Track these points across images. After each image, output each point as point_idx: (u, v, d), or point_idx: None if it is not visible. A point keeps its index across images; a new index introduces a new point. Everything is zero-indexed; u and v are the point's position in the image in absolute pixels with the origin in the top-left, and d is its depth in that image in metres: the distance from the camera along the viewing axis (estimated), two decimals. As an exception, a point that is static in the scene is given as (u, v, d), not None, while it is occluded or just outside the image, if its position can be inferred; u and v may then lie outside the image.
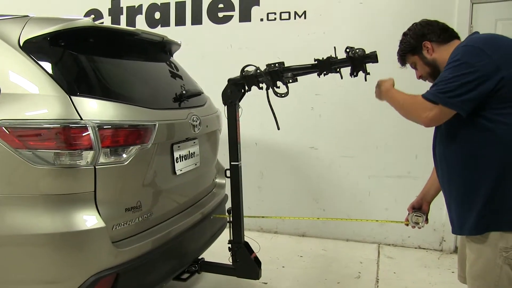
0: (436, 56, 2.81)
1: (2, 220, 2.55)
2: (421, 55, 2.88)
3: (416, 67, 2.98)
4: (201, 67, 5.80)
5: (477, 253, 2.60)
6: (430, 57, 2.83)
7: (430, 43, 2.83)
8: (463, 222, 2.63)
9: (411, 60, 2.97)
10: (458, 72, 2.44)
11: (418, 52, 2.89)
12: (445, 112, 2.51)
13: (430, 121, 2.57)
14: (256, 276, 3.77)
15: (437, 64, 2.80)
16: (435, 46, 2.82)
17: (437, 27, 2.89)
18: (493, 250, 2.51)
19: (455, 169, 2.66)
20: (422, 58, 2.88)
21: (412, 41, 2.90)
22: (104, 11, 6.64)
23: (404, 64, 3.07)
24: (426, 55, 2.85)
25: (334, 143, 5.80)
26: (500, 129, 2.43)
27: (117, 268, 2.73)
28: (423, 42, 2.85)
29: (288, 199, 6.07)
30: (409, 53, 2.94)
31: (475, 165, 2.54)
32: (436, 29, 2.87)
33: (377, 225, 5.68)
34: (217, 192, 4.23)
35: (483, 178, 2.50)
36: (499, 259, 2.49)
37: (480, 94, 2.41)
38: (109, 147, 2.71)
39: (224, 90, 3.62)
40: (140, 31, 3.40)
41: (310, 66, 3.37)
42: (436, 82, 2.56)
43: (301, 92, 4.78)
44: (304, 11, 5.76)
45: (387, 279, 4.73)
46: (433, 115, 2.53)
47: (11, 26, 2.83)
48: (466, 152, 2.57)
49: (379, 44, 3.77)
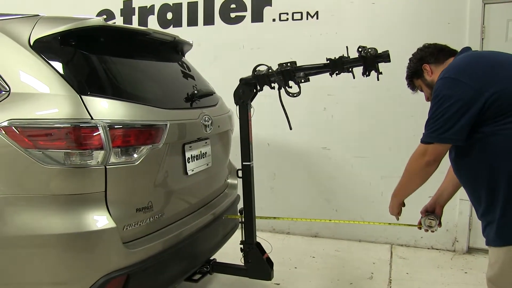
0: (434, 77, 2.89)
1: (12, 220, 2.54)
2: (423, 78, 3.01)
3: (422, 90, 3.08)
4: (213, 67, 5.81)
5: (494, 258, 2.60)
6: (430, 78, 2.95)
7: (429, 65, 2.95)
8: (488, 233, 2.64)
9: (417, 84, 3.09)
10: (441, 107, 2.53)
11: (420, 76, 3.02)
12: (442, 148, 2.60)
13: (432, 161, 2.66)
14: (268, 277, 3.75)
15: None
16: (433, 67, 2.94)
17: (434, 48, 2.99)
18: (509, 256, 2.50)
19: (471, 186, 2.70)
20: (423, 81, 3.01)
21: (413, 65, 3.05)
22: (116, 11, 6.65)
23: (414, 89, 3.18)
24: (427, 77, 2.97)
25: (347, 144, 5.77)
26: (502, 141, 2.45)
27: (128, 269, 2.71)
28: (423, 65, 2.98)
29: (300, 199, 6.05)
30: (414, 77, 3.08)
31: (486, 178, 2.54)
32: (433, 50, 2.98)
33: (390, 225, 5.64)
34: (229, 192, 4.21)
35: (497, 191, 2.49)
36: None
37: (469, 120, 2.46)
38: (120, 147, 2.69)
39: (236, 90, 3.61)
40: (151, 30, 3.39)
41: (322, 66, 3.35)
42: (426, 123, 2.65)
43: (313, 92, 4.76)
44: (316, 11, 5.74)
45: (399, 279, 4.70)
46: (430, 154, 2.64)
47: (22, 26, 2.83)
48: (476, 168, 2.59)
49: (392, 44, 3.74)
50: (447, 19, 5.12)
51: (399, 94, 5.32)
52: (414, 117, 5.35)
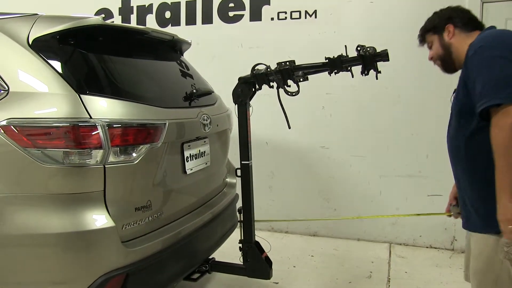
0: (454, 41, 2.81)
1: (10, 220, 2.54)
2: (440, 36, 2.88)
3: (431, 48, 2.96)
4: (212, 66, 5.82)
5: (479, 248, 2.59)
6: (448, 40, 2.83)
7: (453, 27, 2.82)
8: (468, 217, 2.65)
9: (429, 39, 2.96)
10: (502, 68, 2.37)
11: (438, 32, 2.89)
12: None
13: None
14: (267, 276, 3.76)
15: (451, 49, 2.82)
16: (457, 31, 2.82)
17: (467, 15, 2.89)
18: (495, 245, 2.49)
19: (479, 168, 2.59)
20: (440, 39, 2.88)
21: (437, 20, 2.91)
22: (115, 10, 6.64)
23: (423, 43, 3.04)
24: (445, 37, 2.85)
25: (345, 143, 5.78)
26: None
27: (127, 268, 2.71)
28: (447, 24, 2.84)
29: (299, 198, 6.05)
30: (431, 31, 2.94)
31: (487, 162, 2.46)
32: (465, 16, 2.88)
33: (388, 224, 5.66)
34: (228, 191, 4.21)
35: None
36: (501, 254, 2.47)
37: None
38: (119, 146, 2.69)
39: (234, 89, 3.61)
40: (150, 29, 3.40)
41: (321, 65, 3.36)
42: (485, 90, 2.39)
43: (312, 91, 4.75)
44: (314, 10, 5.74)
45: (398, 278, 4.71)
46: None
47: (20, 25, 2.83)
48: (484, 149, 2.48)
49: (390, 43, 3.74)
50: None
51: (397, 93, 5.34)
52: (413, 116, 5.36)
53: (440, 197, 4.96)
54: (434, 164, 5.30)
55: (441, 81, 3.81)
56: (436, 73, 3.12)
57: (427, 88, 5.21)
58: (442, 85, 4.76)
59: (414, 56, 4.03)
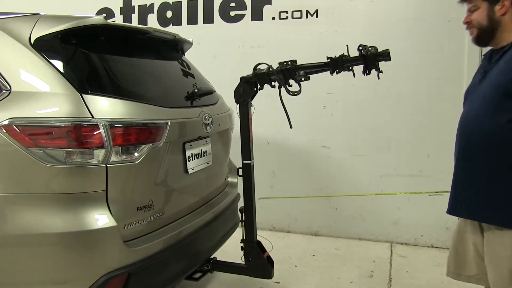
0: (505, 18, 2.60)
1: (12, 219, 2.54)
2: (491, 5, 2.62)
3: (473, 11, 2.70)
4: (213, 65, 5.81)
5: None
6: (499, 15, 2.60)
7: (510, 3, 2.58)
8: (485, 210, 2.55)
9: (476, 2, 2.67)
10: None
11: (492, 2, 2.62)
12: None
13: None
14: (269, 276, 3.76)
15: (497, 26, 2.62)
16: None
17: None
18: None
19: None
20: (489, 10, 2.63)
21: None
22: (116, 10, 6.63)
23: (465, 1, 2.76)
24: (496, 10, 2.61)
25: (346, 142, 5.77)
26: None
27: (129, 268, 2.71)
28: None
29: (300, 198, 6.04)
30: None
31: None
32: None
33: (390, 224, 5.65)
34: (229, 191, 4.21)
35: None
36: None
37: None
38: (121, 146, 2.69)
39: (236, 89, 3.61)
40: (151, 29, 3.40)
41: (323, 64, 3.36)
42: None
43: (314, 91, 4.75)
44: (316, 9, 5.73)
45: (400, 278, 4.70)
46: None
47: (22, 24, 2.83)
48: None
49: (392, 43, 3.74)
50: (448, 17, 5.10)
51: (399, 93, 5.34)
52: (414, 115, 5.35)
53: (441, 196, 4.97)
54: (435, 163, 5.30)
55: (442, 80, 3.82)
56: (437, 73, 3.12)
57: (428, 87, 5.20)
58: (444, 85, 4.77)
59: (416, 55, 4.04)
